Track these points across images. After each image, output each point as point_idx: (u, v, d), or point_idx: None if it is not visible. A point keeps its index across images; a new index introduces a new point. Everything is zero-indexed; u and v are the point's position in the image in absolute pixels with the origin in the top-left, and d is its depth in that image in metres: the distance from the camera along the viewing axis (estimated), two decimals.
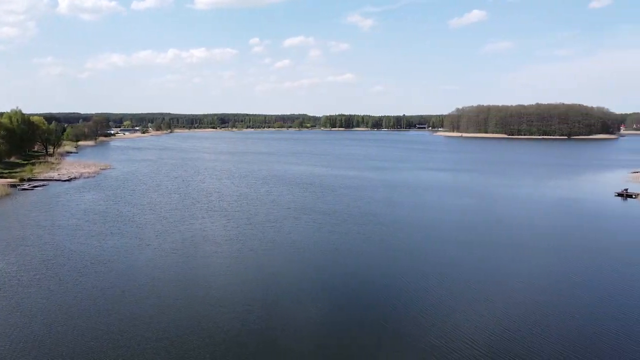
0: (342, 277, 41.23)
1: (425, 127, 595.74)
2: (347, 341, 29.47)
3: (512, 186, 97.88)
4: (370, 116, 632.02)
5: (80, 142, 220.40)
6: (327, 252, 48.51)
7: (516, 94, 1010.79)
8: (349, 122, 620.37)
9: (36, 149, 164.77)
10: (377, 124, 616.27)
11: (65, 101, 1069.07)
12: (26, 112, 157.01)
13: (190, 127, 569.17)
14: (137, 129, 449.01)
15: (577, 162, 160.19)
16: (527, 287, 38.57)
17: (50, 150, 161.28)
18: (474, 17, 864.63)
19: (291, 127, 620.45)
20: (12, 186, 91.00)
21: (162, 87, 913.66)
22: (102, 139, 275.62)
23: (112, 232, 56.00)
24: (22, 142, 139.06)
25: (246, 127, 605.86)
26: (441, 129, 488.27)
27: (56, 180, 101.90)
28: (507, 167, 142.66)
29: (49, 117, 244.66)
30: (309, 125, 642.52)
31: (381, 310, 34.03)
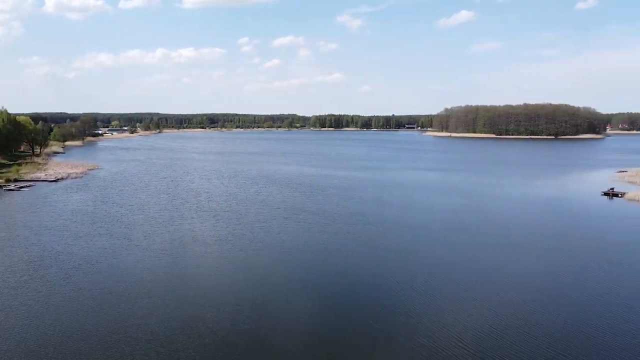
0: (331, 277, 41.31)
1: (414, 127, 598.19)
2: (336, 341, 29.56)
3: (500, 186, 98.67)
4: (359, 116, 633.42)
5: (67, 142, 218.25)
6: (316, 252, 48.56)
7: (504, 94, 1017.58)
8: (338, 122, 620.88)
9: (22, 149, 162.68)
10: (367, 124, 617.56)
11: (52, 101, 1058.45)
12: (12, 112, 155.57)
13: (179, 127, 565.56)
14: (126, 129, 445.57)
15: (564, 162, 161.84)
16: (515, 286, 38.93)
17: (36, 150, 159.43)
18: (462, 18, 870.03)
19: (281, 127, 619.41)
20: None
21: (150, 86, 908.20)
22: (89, 139, 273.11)
23: (100, 233, 55.57)
24: (8, 142, 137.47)
25: (235, 127, 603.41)
26: (430, 129, 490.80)
27: (43, 180, 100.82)
28: (495, 166, 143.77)
29: (36, 117, 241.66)
30: (298, 125, 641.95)
31: (371, 309, 34.15)
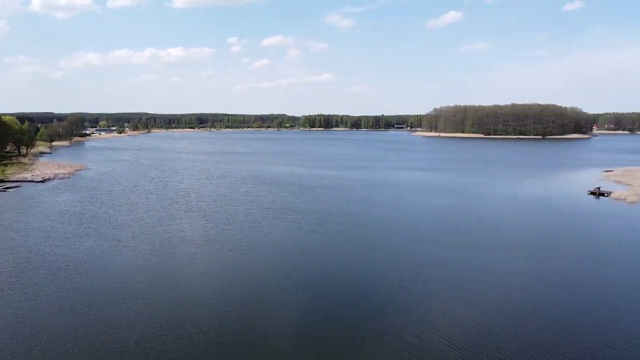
0: (321, 277, 41.37)
1: (403, 127, 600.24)
2: (326, 341, 29.63)
3: (488, 185, 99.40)
4: (349, 116, 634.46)
5: (54, 143, 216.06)
6: (306, 252, 48.58)
7: (492, 95, 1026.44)
8: (328, 122, 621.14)
9: (8, 150, 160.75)
10: (356, 124, 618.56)
11: (38, 101, 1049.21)
12: None
13: (167, 127, 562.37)
14: (114, 129, 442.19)
15: (551, 162, 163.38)
16: (503, 285, 39.27)
17: (23, 150, 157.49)
18: (450, 19, 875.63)
19: (270, 127, 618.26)
20: None
21: (139, 86, 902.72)
22: (77, 139, 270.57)
23: (88, 234, 55.10)
24: None
25: (225, 127, 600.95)
26: (419, 129, 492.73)
27: (29, 181, 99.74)
28: (484, 166, 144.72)
29: (22, 117, 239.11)
30: (288, 125, 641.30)
31: (360, 309, 34.26)
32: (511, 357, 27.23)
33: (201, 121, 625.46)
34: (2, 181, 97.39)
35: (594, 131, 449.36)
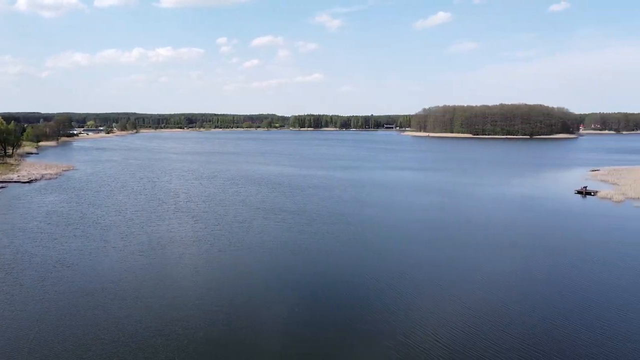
0: (311, 277, 41.43)
1: (393, 127, 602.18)
2: (315, 340, 29.72)
3: (477, 185, 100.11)
4: (338, 116, 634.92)
5: (41, 143, 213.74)
6: (296, 252, 48.61)
7: (481, 95, 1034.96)
8: (317, 122, 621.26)
9: None
10: (346, 124, 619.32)
11: (25, 101, 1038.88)
12: None
13: (156, 128, 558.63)
14: (102, 129, 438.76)
15: (539, 161, 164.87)
16: (491, 284, 39.61)
17: (9, 151, 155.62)
18: (439, 19, 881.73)
19: (260, 127, 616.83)
20: None
21: (127, 86, 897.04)
22: (64, 139, 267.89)
23: (75, 235, 54.65)
24: None
25: (214, 127, 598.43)
26: (408, 129, 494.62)
27: (16, 181, 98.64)
28: (472, 166, 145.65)
29: (8, 117, 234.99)
30: (277, 125, 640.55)
31: (349, 309, 34.37)
32: (499, 355, 27.50)
33: (190, 121, 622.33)
34: None
35: (581, 131, 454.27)
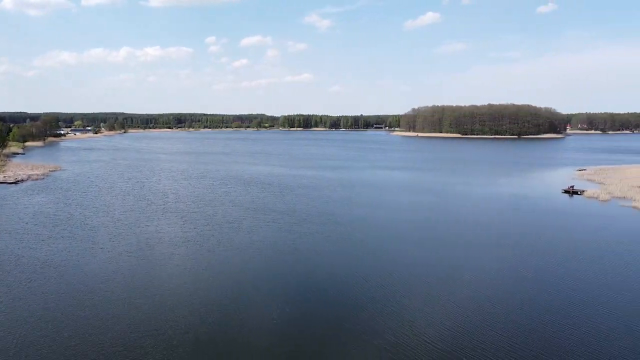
0: (301, 277, 41.45)
1: (382, 127, 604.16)
2: (305, 339, 29.78)
3: (466, 184, 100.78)
4: (328, 116, 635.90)
5: (27, 143, 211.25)
6: (286, 252, 48.62)
7: (469, 95, 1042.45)
8: (307, 122, 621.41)
9: None
10: (335, 123, 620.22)
11: (11, 100, 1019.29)
12: None
13: (145, 127, 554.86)
14: (89, 129, 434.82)
15: (526, 161, 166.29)
16: (479, 283, 39.94)
17: None
18: (428, 19, 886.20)
19: (249, 127, 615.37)
20: None
21: (115, 86, 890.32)
22: (51, 139, 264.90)
23: (62, 236, 54.16)
24: None
25: (203, 127, 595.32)
26: (398, 129, 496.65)
27: (1, 182, 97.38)
28: (461, 165, 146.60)
29: None
30: (267, 125, 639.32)
31: (339, 308, 34.48)
32: (486, 352, 27.78)
33: (179, 121, 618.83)
34: None
35: (568, 131, 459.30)
